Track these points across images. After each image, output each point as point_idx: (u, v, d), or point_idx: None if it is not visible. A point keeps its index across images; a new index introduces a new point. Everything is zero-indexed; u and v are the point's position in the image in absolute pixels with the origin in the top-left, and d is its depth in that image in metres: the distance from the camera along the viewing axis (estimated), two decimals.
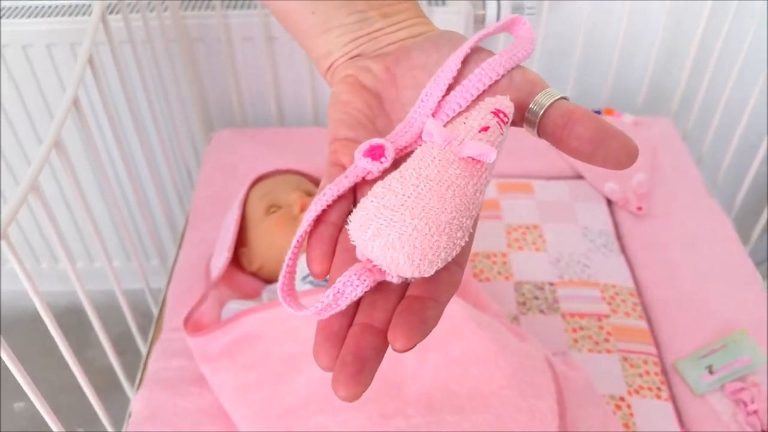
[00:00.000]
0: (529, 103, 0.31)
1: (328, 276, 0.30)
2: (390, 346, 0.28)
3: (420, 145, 0.31)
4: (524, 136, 1.17)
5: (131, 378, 0.92)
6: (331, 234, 0.31)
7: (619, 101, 1.31)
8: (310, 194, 0.91)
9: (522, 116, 0.31)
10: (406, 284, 0.30)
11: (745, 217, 1.29)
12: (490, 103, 0.31)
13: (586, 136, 0.29)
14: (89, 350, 1.46)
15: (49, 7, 1.15)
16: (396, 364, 0.70)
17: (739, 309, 0.93)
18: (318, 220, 0.31)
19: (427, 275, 0.28)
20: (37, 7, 1.15)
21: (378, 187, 0.30)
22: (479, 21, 1.21)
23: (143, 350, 0.95)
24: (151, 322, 1.00)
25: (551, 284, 0.98)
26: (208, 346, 0.77)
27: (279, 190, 0.90)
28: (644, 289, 0.99)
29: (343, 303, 0.28)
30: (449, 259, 0.29)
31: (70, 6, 1.15)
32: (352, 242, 0.29)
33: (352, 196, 0.32)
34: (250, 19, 1.15)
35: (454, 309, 0.72)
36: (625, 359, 0.88)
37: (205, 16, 1.15)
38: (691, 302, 0.95)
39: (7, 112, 1.20)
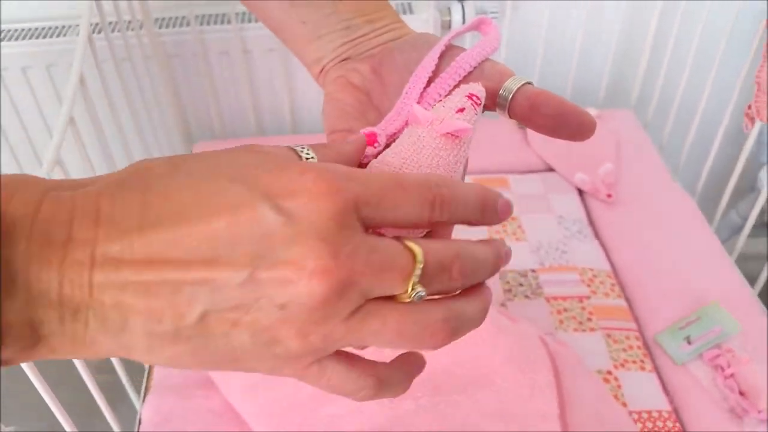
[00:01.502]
0: (499, 90, 0.35)
1: None
2: None
3: (407, 127, 0.36)
4: (498, 135, 1.22)
5: (121, 394, 0.92)
6: None
7: (581, 96, 1.38)
8: None
9: (494, 101, 0.36)
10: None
11: (707, 198, 1.37)
12: (465, 89, 0.35)
13: (549, 113, 0.34)
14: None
15: (29, 29, 1.16)
16: (397, 352, 0.73)
17: (709, 282, 1.00)
18: None
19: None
20: (17, 30, 1.16)
21: (375, 162, 0.35)
22: (446, 27, 1.27)
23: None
24: None
25: (533, 271, 1.03)
26: None
27: None
28: (620, 270, 1.04)
29: None
30: None
31: (49, 28, 1.17)
32: None
33: None
34: (225, 34, 1.18)
35: None
36: (609, 336, 0.93)
37: (180, 32, 1.18)
38: (665, 279, 1.01)
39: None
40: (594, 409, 0.76)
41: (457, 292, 0.27)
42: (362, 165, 0.36)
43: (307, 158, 0.29)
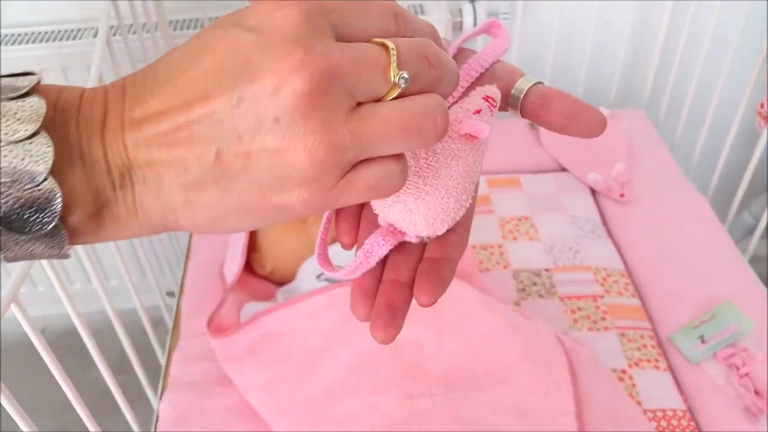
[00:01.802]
0: (511, 90, 0.36)
1: (354, 250, 0.35)
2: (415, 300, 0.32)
3: None
4: (510, 135, 1.22)
5: (134, 399, 0.92)
6: (354, 209, 0.35)
7: (592, 96, 1.38)
8: None
9: (506, 101, 0.37)
10: (423, 245, 0.35)
11: (720, 198, 1.37)
12: (480, 91, 0.36)
13: (561, 111, 0.35)
14: (94, 370, 1.46)
15: (45, 33, 1.17)
16: (416, 350, 0.74)
17: (722, 281, 1.00)
18: None
19: (440, 233, 0.34)
20: (33, 33, 1.17)
21: None
22: (457, 28, 1.27)
23: (162, 359, 0.98)
24: (149, 341, 1.01)
25: (547, 270, 1.03)
26: (232, 347, 0.80)
27: None
28: (633, 270, 1.04)
29: (372, 261, 0.33)
30: (458, 218, 0.34)
31: (64, 31, 1.18)
32: (375, 212, 0.34)
33: None
34: None
35: (466, 295, 0.76)
36: (623, 335, 0.93)
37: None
38: (678, 278, 1.01)
39: None
40: (609, 408, 0.76)
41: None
42: None
43: None
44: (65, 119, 0.26)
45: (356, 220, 0.35)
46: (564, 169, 1.22)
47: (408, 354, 0.74)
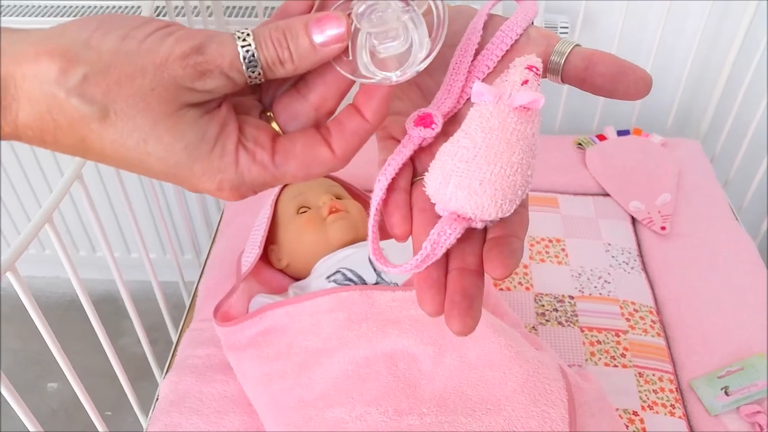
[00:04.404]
0: (550, 55, 0.35)
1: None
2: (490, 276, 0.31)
3: (472, 107, 0.34)
4: (553, 153, 1.17)
5: (161, 366, 0.95)
6: (404, 199, 0.34)
7: (648, 121, 1.32)
8: (339, 197, 0.94)
9: (545, 67, 0.35)
10: (484, 231, 0.33)
11: None
12: (522, 61, 0.34)
13: (607, 73, 0.33)
14: (121, 339, 1.51)
15: (100, 6, 1.20)
16: (413, 365, 0.72)
17: (758, 332, 0.94)
18: (388, 189, 0.34)
19: (508, 214, 0.32)
20: (86, 6, 1.20)
21: (446, 147, 0.33)
22: None
23: (174, 339, 0.99)
24: (180, 315, 1.04)
25: (571, 297, 0.99)
26: (235, 336, 0.81)
27: (310, 191, 0.93)
28: (663, 307, 1.00)
29: (439, 252, 0.31)
30: (524, 195, 0.32)
31: (112, 7, 1.21)
32: (432, 201, 0.33)
33: (411, 162, 0.35)
34: None
35: None
36: (641, 375, 0.89)
37: (248, 23, 1.20)
38: (710, 323, 0.96)
39: None
40: None
41: None
42: (424, 148, 0.35)
43: (243, 45, 0.30)
44: None
45: (407, 209, 0.34)
46: (606, 194, 1.17)
47: (404, 368, 0.72)
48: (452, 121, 0.36)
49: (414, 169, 0.36)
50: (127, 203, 0.89)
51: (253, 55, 0.30)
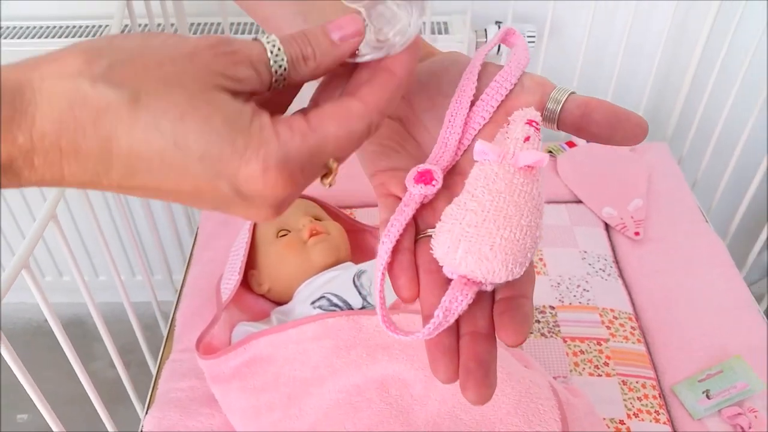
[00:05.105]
0: (545, 103, 0.34)
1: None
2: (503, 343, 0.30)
3: (476, 166, 0.34)
4: None
5: (136, 389, 0.93)
6: (409, 260, 0.33)
7: None
8: (318, 218, 0.93)
9: (540, 115, 0.35)
10: (493, 291, 0.33)
11: (739, 240, 1.32)
12: (521, 115, 0.34)
13: (604, 121, 0.33)
14: (93, 363, 1.47)
15: (62, 27, 1.17)
16: (404, 390, 0.71)
17: (734, 334, 0.96)
18: (393, 250, 0.33)
19: (518, 276, 0.32)
20: (49, 27, 1.17)
21: (452, 210, 0.33)
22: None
23: (153, 369, 0.97)
24: (153, 335, 1.01)
25: (552, 308, 1.00)
26: (219, 368, 0.79)
27: (288, 213, 0.92)
28: (642, 313, 1.01)
29: (452, 318, 0.31)
30: (532, 257, 0.32)
31: (80, 27, 1.17)
32: (440, 264, 0.32)
33: (413, 221, 0.35)
34: None
35: None
36: (624, 383, 0.90)
37: None
38: (688, 326, 0.98)
39: None
40: None
41: None
42: (425, 205, 0.35)
43: (268, 41, 0.30)
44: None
45: (413, 271, 0.33)
46: (579, 201, 1.18)
47: (395, 394, 0.71)
48: (451, 173, 0.36)
49: (416, 227, 0.35)
50: (96, 224, 0.86)
51: (279, 49, 0.30)
